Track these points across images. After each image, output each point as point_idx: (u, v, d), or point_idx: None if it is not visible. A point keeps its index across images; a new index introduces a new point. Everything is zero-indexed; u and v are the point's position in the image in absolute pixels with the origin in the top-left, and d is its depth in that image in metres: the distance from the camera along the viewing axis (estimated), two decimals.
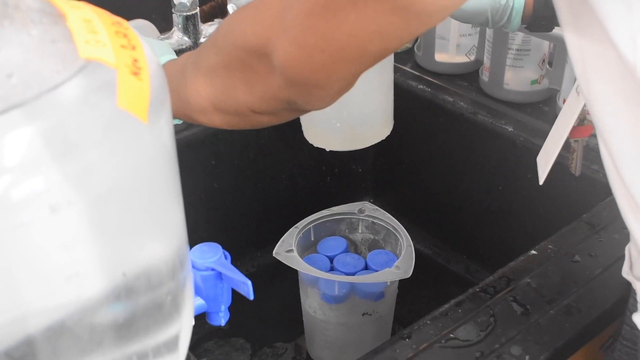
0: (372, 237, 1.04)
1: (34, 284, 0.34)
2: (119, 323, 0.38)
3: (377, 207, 1.02)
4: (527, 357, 0.67)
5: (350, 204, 1.03)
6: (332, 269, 0.99)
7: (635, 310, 0.65)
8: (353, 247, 1.05)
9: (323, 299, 0.94)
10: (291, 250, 0.92)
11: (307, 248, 1.01)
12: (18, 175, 0.31)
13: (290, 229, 0.96)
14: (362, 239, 1.04)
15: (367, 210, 1.02)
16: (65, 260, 0.34)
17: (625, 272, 0.66)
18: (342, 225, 1.04)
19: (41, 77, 0.33)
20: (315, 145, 0.93)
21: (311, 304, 0.97)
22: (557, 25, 0.94)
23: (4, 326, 0.34)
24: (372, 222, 1.02)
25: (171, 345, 0.44)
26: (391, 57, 0.91)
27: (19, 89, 0.32)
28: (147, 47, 0.38)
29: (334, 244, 1.02)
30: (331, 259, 1.00)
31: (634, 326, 0.71)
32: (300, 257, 0.93)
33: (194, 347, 1.05)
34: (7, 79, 0.32)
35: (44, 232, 0.33)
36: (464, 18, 0.95)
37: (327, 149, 0.92)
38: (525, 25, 0.95)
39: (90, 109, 0.34)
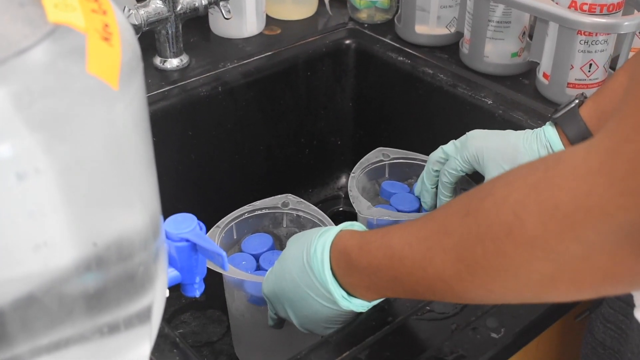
0: (297, 230, 0.95)
1: (0, 253, 0.33)
2: (89, 294, 0.38)
3: (301, 199, 0.96)
4: (502, 330, 0.68)
5: (273, 197, 0.96)
6: (258, 268, 0.92)
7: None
8: (278, 242, 0.97)
9: (251, 302, 0.88)
10: None
11: (230, 247, 0.94)
12: None
13: (212, 229, 0.90)
14: (287, 234, 0.97)
15: (290, 204, 0.95)
16: (33, 229, 0.34)
17: None
18: (265, 221, 0.96)
19: (8, 41, 0.32)
20: None
21: (238, 307, 0.90)
22: None
23: None
24: (297, 215, 0.95)
25: (143, 316, 0.43)
26: None
27: None
28: (119, 13, 0.37)
29: (258, 241, 0.94)
30: (257, 258, 0.93)
31: (618, 309, 0.71)
32: None
33: (170, 318, 1.05)
34: None
35: (11, 200, 0.32)
36: None
37: None
38: None
39: (59, 74, 0.33)
